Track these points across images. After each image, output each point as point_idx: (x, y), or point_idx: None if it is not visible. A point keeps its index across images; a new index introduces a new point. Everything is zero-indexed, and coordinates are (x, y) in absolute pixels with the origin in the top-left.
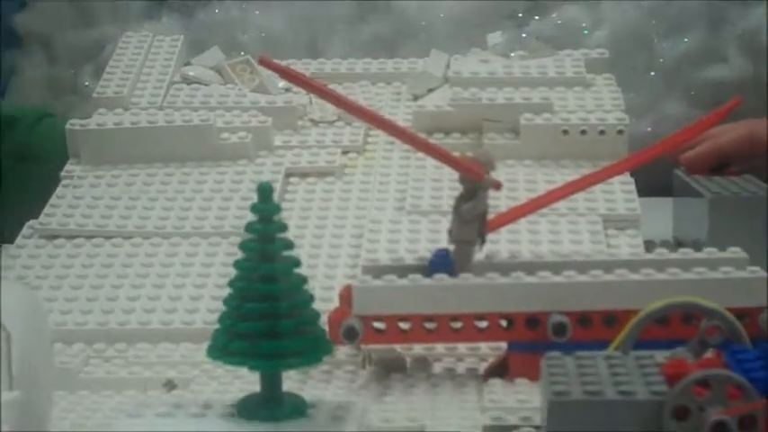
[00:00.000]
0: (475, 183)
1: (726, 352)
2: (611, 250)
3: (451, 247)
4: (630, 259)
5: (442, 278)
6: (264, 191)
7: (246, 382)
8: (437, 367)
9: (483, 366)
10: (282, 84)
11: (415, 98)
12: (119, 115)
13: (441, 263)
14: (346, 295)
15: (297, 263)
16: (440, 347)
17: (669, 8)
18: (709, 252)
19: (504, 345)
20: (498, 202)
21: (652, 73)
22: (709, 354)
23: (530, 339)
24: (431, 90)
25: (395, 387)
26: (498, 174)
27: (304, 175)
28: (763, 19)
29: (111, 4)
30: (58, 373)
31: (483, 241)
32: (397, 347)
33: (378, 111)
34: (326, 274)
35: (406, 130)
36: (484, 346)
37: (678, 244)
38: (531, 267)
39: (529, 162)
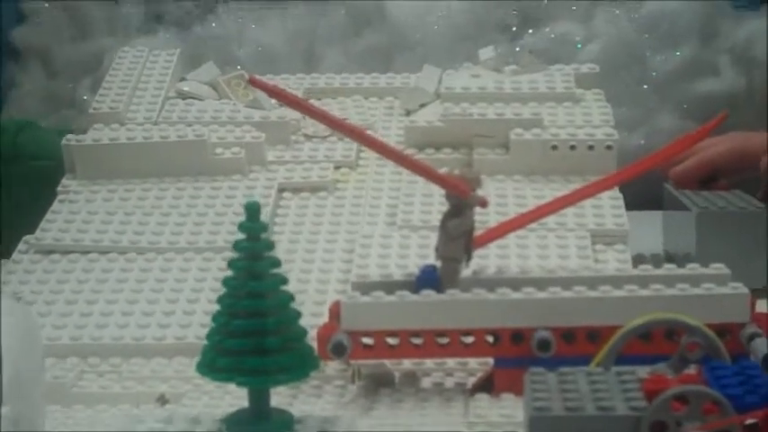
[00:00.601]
0: (461, 200)
1: (705, 368)
2: (599, 265)
3: (438, 264)
4: (615, 275)
5: (429, 294)
6: (252, 210)
7: (236, 396)
8: (425, 382)
9: (471, 381)
10: (275, 100)
11: (408, 113)
12: (115, 131)
13: (428, 279)
14: (335, 311)
15: (284, 280)
16: (429, 362)
17: (661, 22)
18: (692, 268)
19: (492, 360)
20: (487, 218)
21: (645, 86)
22: (690, 370)
23: (515, 355)
24: (423, 105)
25: (383, 401)
26: (488, 188)
27: (297, 190)
28: (754, 32)
29: (108, 18)
30: (52, 387)
31: (469, 258)
32: (386, 362)
33: (368, 128)
34: (318, 289)
35: (394, 149)
36: (472, 361)
37: (668, 257)
38: (516, 283)
39: (518, 177)
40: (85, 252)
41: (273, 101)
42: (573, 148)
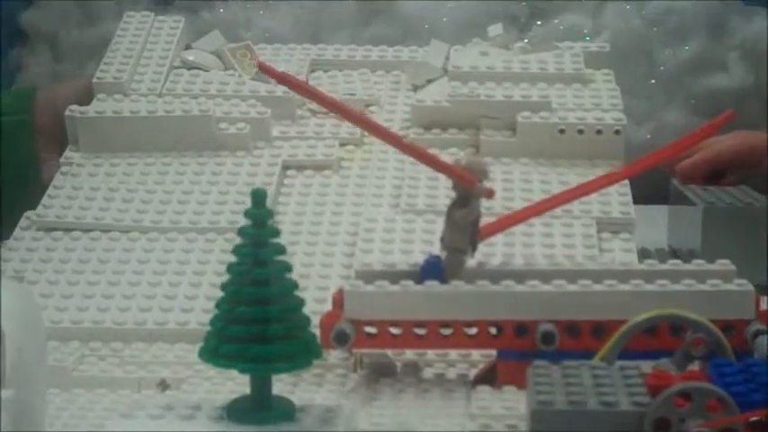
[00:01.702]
0: (468, 190)
1: (709, 365)
2: (604, 255)
3: (443, 254)
4: (620, 269)
5: (432, 285)
6: (258, 196)
7: (238, 383)
8: (427, 372)
9: (473, 372)
10: (280, 70)
11: (415, 88)
12: (118, 102)
13: (432, 269)
14: (339, 299)
15: (289, 268)
16: (431, 353)
17: (670, 16)
18: (698, 264)
19: (494, 351)
20: (493, 203)
21: (652, 81)
22: (694, 366)
23: (518, 347)
24: (430, 81)
25: (384, 391)
26: (494, 172)
27: (301, 167)
28: (763, 29)
29: (116, 3)
30: (53, 370)
31: (474, 249)
32: (388, 352)
33: (373, 103)
34: (321, 273)
35: (402, 139)
36: (475, 353)
37: (673, 252)
38: (521, 276)
39: (525, 160)
40: (87, 230)
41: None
42: (581, 132)
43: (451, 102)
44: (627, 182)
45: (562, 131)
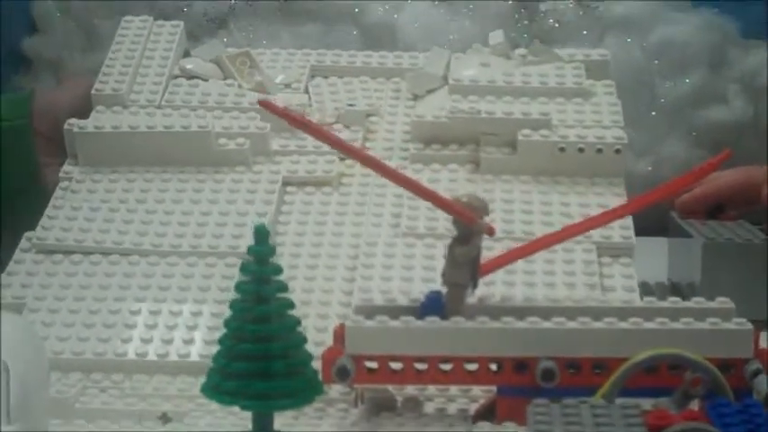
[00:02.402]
0: (468, 227)
1: (708, 405)
2: (604, 280)
3: (444, 290)
4: (620, 307)
5: (433, 320)
6: (260, 233)
7: (240, 417)
8: (428, 407)
9: (473, 407)
10: (280, 78)
11: (415, 97)
12: (117, 114)
13: (433, 305)
14: (340, 333)
15: (291, 305)
16: (431, 387)
17: (671, 49)
18: (697, 301)
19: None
20: (495, 224)
21: (653, 113)
22: (693, 405)
23: (518, 384)
24: (430, 91)
25: (385, 426)
26: (494, 191)
27: (301, 184)
28: (762, 62)
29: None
30: (55, 402)
31: (475, 285)
32: (389, 387)
33: (374, 113)
34: (322, 300)
35: (404, 176)
36: (475, 388)
37: (673, 286)
38: (521, 312)
39: (525, 177)
40: (88, 253)
41: (278, 79)
42: (581, 150)
43: (452, 118)
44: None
45: (563, 150)
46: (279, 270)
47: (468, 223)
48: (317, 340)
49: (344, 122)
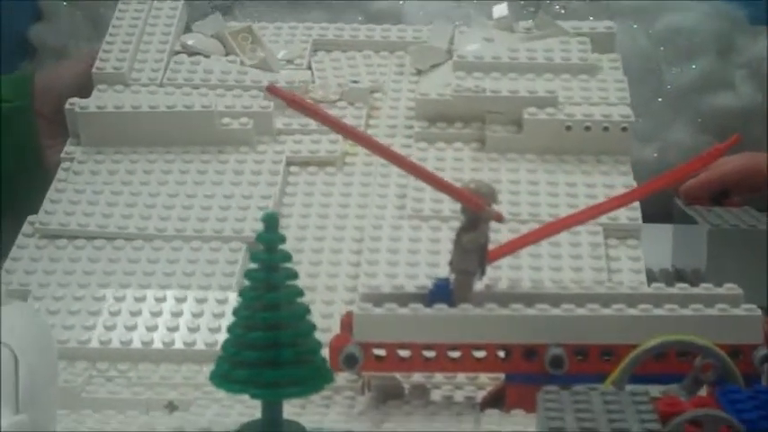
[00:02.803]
0: (477, 214)
1: (719, 391)
2: (611, 263)
3: (452, 277)
4: (629, 293)
5: (442, 308)
6: (270, 221)
7: (247, 406)
8: (435, 395)
9: (481, 395)
10: (282, 54)
11: (418, 72)
12: (119, 93)
13: (441, 292)
14: (347, 321)
15: (300, 292)
16: (438, 375)
17: (677, 35)
18: (706, 288)
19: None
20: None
21: (659, 99)
22: (703, 391)
23: (527, 371)
24: (434, 65)
25: (393, 414)
26: (500, 170)
27: (305, 163)
28: None
29: None
30: (62, 391)
31: (483, 272)
32: (396, 375)
33: (378, 90)
34: (328, 284)
35: (413, 162)
36: (482, 375)
37: (677, 272)
38: (530, 299)
39: (531, 156)
40: (91, 238)
41: (281, 54)
42: (588, 129)
43: (456, 96)
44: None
45: (569, 128)
46: (288, 257)
47: (477, 210)
48: (323, 326)
49: (348, 99)
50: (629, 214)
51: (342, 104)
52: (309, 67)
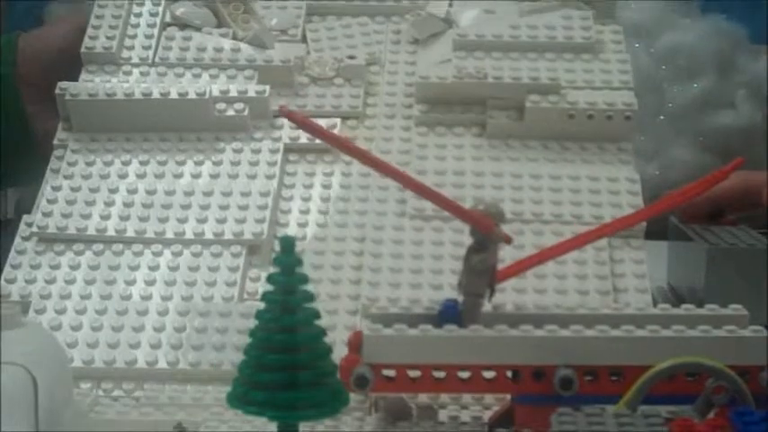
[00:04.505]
0: (485, 235)
1: (732, 413)
2: (615, 266)
3: (460, 298)
4: (637, 314)
5: (452, 329)
6: (287, 244)
7: (255, 426)
8: (442, 415)
9: (487, 415)
10: (275, 22)
11: (416, 41)
12: (110, 74)
13: (450, 313)
14: (355, 342)
15: (317, 314)
16: (444, 395)
17: (678, 54)
18: (711, 309)
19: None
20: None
21: (661, 117)
22: (714, 413)
23: (536, 392)
24: (433, 35)
25: None
26: (501, 158)
27: (303, 151)
28: None
29: None
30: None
31: (492, 293)
32: (404, 395)
33: (375, 62)
34: (330, 293)
35: (423, 185)
36: (488, 395)
37: (672, 291)
38: (539, 320)
39: (533, 143)
40: (90, 242)
41: (274, 21)
42: (590, 117)
43: (458, 81)
44: (638, 187)
45: (571, 116)
46: (305, 280)
47: (486, 231)
48: (328, 339)
49: (345, 76)
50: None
51: (339, 81)
52: (304, 39)
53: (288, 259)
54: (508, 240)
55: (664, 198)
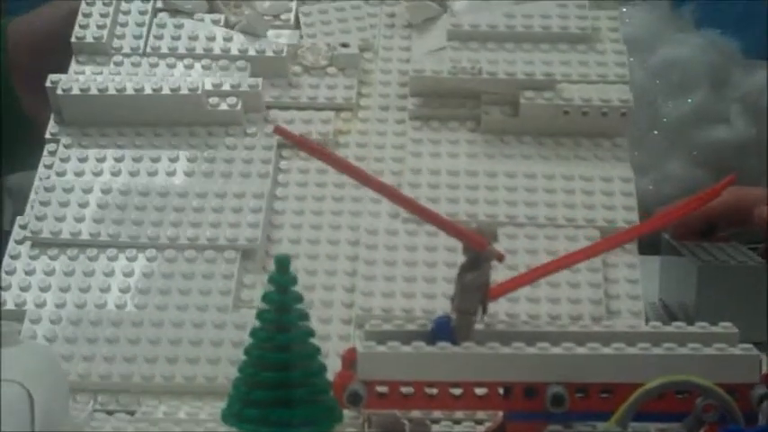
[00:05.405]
0: (478, 253)
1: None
2: (608, 270)
3: (453, 315)
4: (628, 332)
5: (445, 346)
6: (282, 263)
7: None
8: (435, 430)
9: (479, 430)
10: (268, 5)
11: (410, 25)
12: (101, 65)
13: (442, 330)
14: (349, 358)
15: (311, 333)
16: (437, 411)
17: (673, 69)
18: (702, 326)
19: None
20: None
21: (655, 132)
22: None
23: (527, 409)
24: (427, 20)
25: None
26: (495, 156)
27: (297, 147)
28: (764, 81)
29: None
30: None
31: (485, 311)
32: (396, 411)
33: (368, 49)
34: (323, 300)
35: (419, 205)
36: (480, 412)
37: (664, 307)
38: (530, 337)
39: (527, 139)
40: (84, 247)
41: (267, 5)
42: (585, 114)
43: (452, 76)
44: (632, 189)
45: (566, 113)
46: (299, 299)
47: (479, 249)
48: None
49: (338, 65)
50: (626, 216)
51: (332, 71)
52: (297, 25)
53: (282, 278)
54: (500, 258)
55: (657, 215)
